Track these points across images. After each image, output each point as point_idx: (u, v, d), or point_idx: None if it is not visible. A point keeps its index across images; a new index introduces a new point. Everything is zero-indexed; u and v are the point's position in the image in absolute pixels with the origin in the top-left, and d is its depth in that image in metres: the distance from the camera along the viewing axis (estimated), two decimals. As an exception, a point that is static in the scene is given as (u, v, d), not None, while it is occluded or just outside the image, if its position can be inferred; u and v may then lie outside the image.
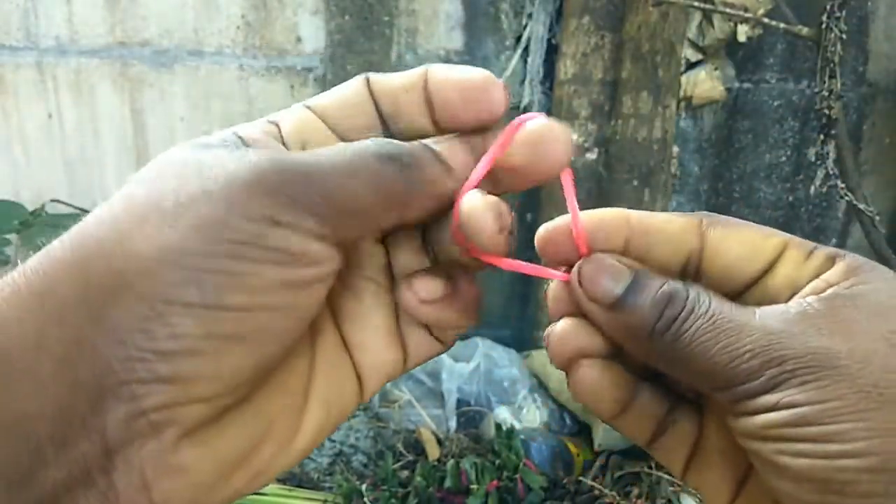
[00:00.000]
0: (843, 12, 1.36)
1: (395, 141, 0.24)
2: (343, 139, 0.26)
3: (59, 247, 0.21)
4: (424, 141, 0.25)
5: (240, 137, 0.24)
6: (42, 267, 0.21)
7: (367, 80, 0.26)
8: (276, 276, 0.21)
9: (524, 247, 0.27)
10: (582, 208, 0.26)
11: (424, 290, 0.26)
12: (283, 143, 0.25)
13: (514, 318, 1.83)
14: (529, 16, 1.77)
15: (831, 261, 0.25)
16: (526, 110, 1.80)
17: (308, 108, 0.26)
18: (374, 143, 0.24)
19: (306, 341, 0.26)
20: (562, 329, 0.27)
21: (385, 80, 0.26)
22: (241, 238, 0.21)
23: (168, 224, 0.21)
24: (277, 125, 0.26)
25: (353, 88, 0.27)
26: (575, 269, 0.26)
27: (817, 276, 0.24)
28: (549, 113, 1.77)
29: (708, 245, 0.26)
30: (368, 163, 0.23)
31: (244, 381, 0.22)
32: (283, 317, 0.22)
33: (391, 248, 0.28)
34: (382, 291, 0.28)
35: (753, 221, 0.27)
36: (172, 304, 0.20)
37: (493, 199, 0.24)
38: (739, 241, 0.25)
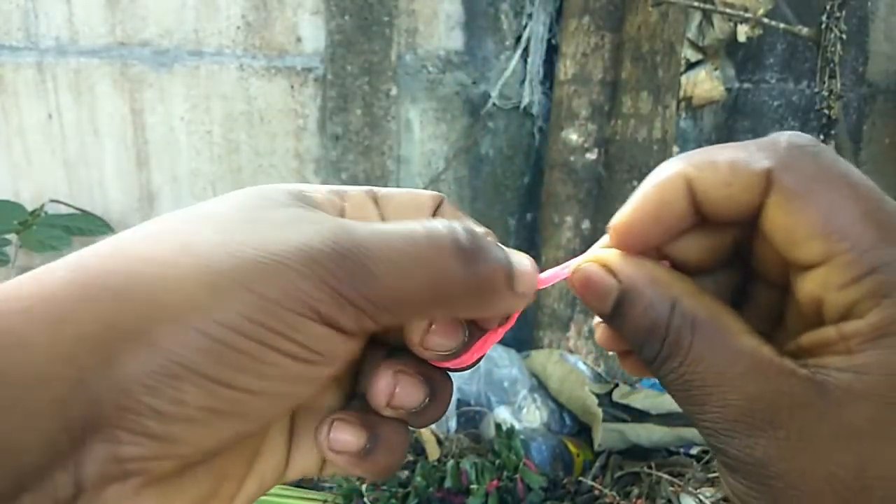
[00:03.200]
0: (843, 12, 1.36)
1: (472, 228, 0.24)
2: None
3: (86, 268, 0.21)
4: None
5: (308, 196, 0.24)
6: (66, 292, 0.20)
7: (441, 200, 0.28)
8: (294, 370, 0.21)
9: (526, 246, 0.27)
10: (582, 208, 0.26)
11: (339, 442, 0.25)
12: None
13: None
14: (529, 16, 1.77)
15: (870, 302, 0.20)
16: (526, 110, 1.80)
17: (372, 195, 0.27)
18: (448, 230, 0.23)
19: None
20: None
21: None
22: (277, 327, 0.21)
23: (212, 287, 0.20)
24: (342, 198, 0.26)
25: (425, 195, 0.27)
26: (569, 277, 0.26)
27: (842, 317, 0.21)
28: (548, 113, 1.76)
29: (766, 216, 0.23)
30: (441, 252, 0.22)
31: (219, 449, 0.22)
32: (280, 403, 0.22)
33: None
34: (340, 386, 0.27)
35: None
36: (187, 369, 0.20)
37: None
38: (789, 226, 0.22)
